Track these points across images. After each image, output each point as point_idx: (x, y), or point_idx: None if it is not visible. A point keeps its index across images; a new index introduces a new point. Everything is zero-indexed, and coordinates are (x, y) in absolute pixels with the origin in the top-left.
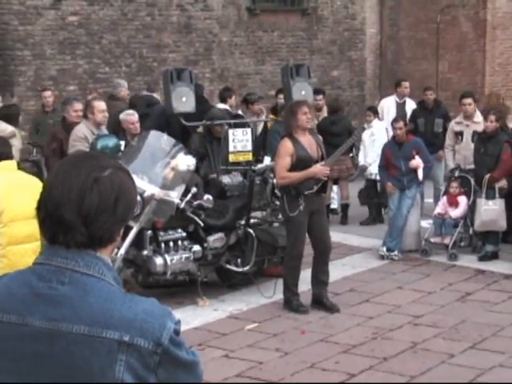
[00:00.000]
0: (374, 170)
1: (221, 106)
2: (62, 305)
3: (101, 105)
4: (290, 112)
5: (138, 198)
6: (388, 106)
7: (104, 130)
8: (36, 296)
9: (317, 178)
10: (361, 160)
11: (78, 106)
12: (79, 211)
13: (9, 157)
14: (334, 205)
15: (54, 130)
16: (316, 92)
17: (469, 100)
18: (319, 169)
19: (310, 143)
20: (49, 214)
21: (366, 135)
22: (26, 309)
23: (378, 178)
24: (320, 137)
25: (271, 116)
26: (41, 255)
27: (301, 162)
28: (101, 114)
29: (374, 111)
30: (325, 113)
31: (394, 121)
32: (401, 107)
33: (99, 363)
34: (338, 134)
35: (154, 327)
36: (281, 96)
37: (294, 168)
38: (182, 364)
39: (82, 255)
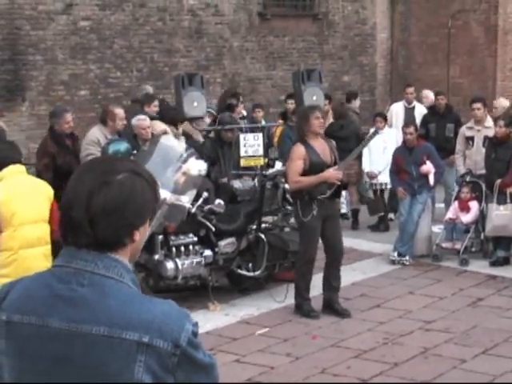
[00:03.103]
0: (383, 179)
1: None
2: (82, 306)
3: (122, 113)
4: (303, 117)
5: None
6: (397, 111)
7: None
8: (56, 298)
9: (330, 183)
10: (366, 167)
11: (70, 116)
12: (86, 212)
13: (17, 160)
14: (344, 209)
15: (43, 142)
16: None
17: (478, 105)
18: (331, 173)
19: (322, 148)
20: (63, 215)
21: (375, 142)
22: (45, 310)
23: (388, 187)
24: (333, 142)
25: (280, 121)
26: (60, 257)
27: (313, 166)
28: (121, 122)
29: (384, 117)
30: (330, 118)
31: (405, 126)
32: (410, 112)
33: (118, 364)
34: (347, 138)
35: (173, 329)
36: (290, 101)
37: (306, 173)
38: (200, 366)
39: (101, 258)
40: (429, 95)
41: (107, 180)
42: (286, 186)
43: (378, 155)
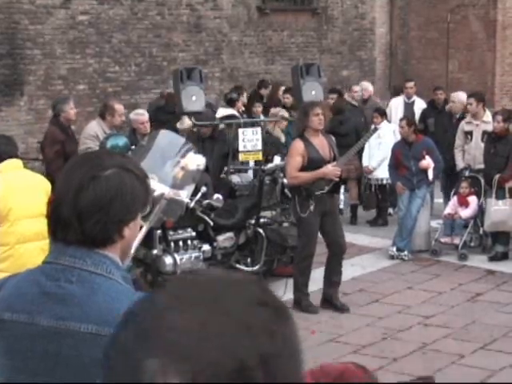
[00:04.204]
0: (379, 174)
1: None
2: (70, 304)
3: (121, 108)
4: (303, 113)
5: None
6: (396, 106)
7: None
8: (44, 295)
9: (328, 179)
10: (365, 161)
11: (73, 103)
12: (74, 208)
13: (14, 155)
14: (341, 205)
15: (50, 131)
16: (331, 91)
17: (470, 100)
18: (330, 169)
19: (322, 144)
20: (52, 211)
21: (372, 137)
22: (34, 308)
23: (384, 182)
24: (333, 138)
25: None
26: (49, 254)
27: (312, 163)
28: (120, 118)
29: (381, 113)
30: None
31: (400, 120)
32: (409, 107)
33: None
34: (346, 134)
35: None
36: (286, 96)
37: (305, 169)
38: None
39: (90, 254)
40: (368, 87)
41: (94, 175)
42: (285, 180)
43: (374, 150)
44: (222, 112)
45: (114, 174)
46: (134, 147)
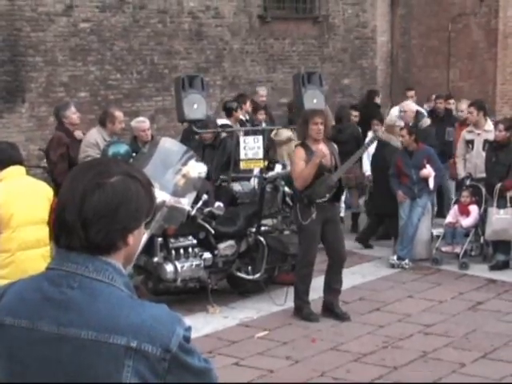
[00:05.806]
0: None
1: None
2: (71, 310)
3: (121, 115)
4: (303, 121)
5: None
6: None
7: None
8: (46, 301)
9: (328, 188)
10: (367, 170)
11: (74, 108)
12: (79, 214)
13: (18, 161)
14: (341, 213)
15: (56, 136)
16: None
17: (470, 109)
18: (318, 152)
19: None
20: (56, 217)
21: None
22: (36, 314)
23: None
24: (335, 145)
25: None
26: (53, 260)
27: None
28: (120, 125)
29: (380, 119)
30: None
31: (400, 129)
32: None
33: (106, 369)
34: (345, 142)
35: (163, 333)
36: None
37: None
38: (193, 371)
39: (92, 260)
40: None
41: (100, 182)
42: (286, 188)
43: None
44: (218, 122)
45: (119, 181)
46: (135, 154)
